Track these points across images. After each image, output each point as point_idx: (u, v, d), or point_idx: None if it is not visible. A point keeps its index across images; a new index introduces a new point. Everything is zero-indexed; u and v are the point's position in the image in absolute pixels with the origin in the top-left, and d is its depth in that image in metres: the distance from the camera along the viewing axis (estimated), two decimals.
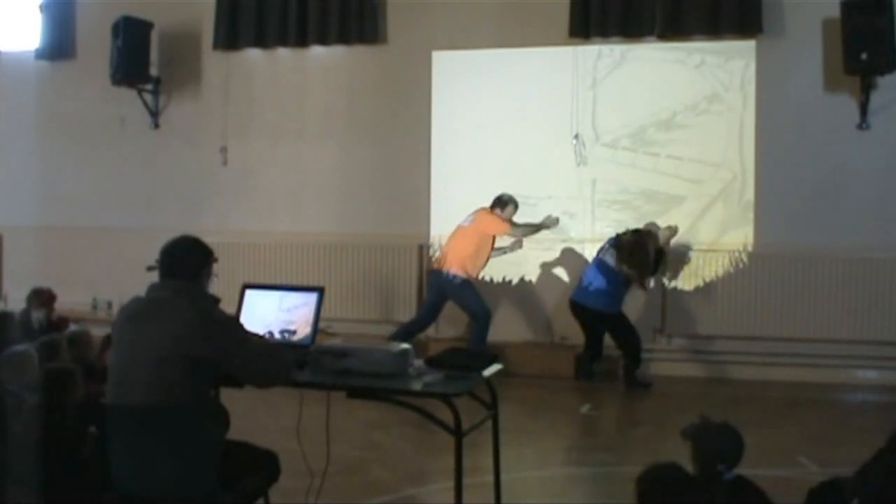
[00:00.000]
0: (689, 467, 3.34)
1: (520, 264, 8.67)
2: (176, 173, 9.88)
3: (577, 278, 8.22)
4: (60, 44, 10.20)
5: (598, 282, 7.88)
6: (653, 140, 8.55)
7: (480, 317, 8.05)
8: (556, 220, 8.19)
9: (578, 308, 8.00)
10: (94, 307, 9.64)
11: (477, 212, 8.17)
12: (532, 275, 8.80)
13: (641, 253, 7.81)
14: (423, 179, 9.08)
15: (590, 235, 8.59)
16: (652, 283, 8.07)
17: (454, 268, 8.05)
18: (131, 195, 10.00)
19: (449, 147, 9.02)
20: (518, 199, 8.33)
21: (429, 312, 8.34)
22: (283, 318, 4.01)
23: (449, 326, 8.86)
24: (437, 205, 9.05)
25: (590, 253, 8.52)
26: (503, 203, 8.15)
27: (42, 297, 7.04)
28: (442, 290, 8.15)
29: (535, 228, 8.20)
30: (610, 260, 7.86)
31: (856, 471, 3.57)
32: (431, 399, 3.57)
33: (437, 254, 8.73)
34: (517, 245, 8.28)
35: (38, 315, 6.90)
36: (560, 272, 8.73)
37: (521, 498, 4.91)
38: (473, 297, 8.09)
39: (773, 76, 8.27)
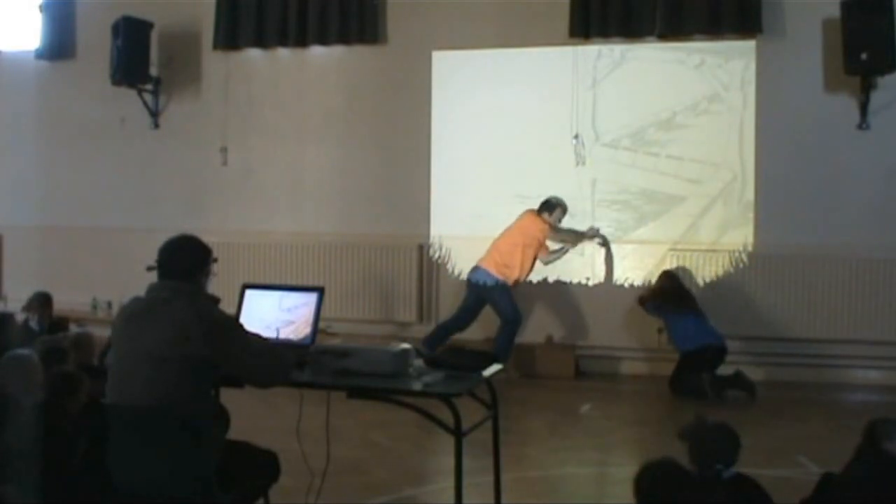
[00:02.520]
0: (688, 468, 3.35)
1: None
2: (176, 173, 9.87)
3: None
4: (60, 44, 10.20)
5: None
6: (653, 140, 8.55)
7: (510, 321, 7.96)
8: (598, 231, 8.25)
9: (722, 352, 7.72)
10: (94, 307, 9.64)
11: (524, 212, 8.12)
12: (532, 275, 8.76)
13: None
14: (423, 179, 9.08)
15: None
16: None
17: (490, 266, 7.98)
18: (131, 195, 10.00)
19: (449, 147, 9.01)
20: (518, 199, 8.32)
21: (465, 312, 8.16)
22: (283, 318, 4.01)
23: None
24: (437, 205, 9.05)
25: (590, 253, 8.52)
26: (551, 207, 8.05)
27: (39, 301, 7.03)
28: (477, 290, 8.10)
29: (578, 237, 8.22)
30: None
31: (842, 469, 3.60)
32: (431, 399, 3.57)
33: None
34: (555, 255, 8.23)
35: (35, 317, 6.90)
36: (560, 272, 8.70)
37: (521, 498, 4.91)
38: (506, 299, 7.99)
39: (773, 76, 8.27)
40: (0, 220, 10.23)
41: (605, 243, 8.37)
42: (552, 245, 8.21)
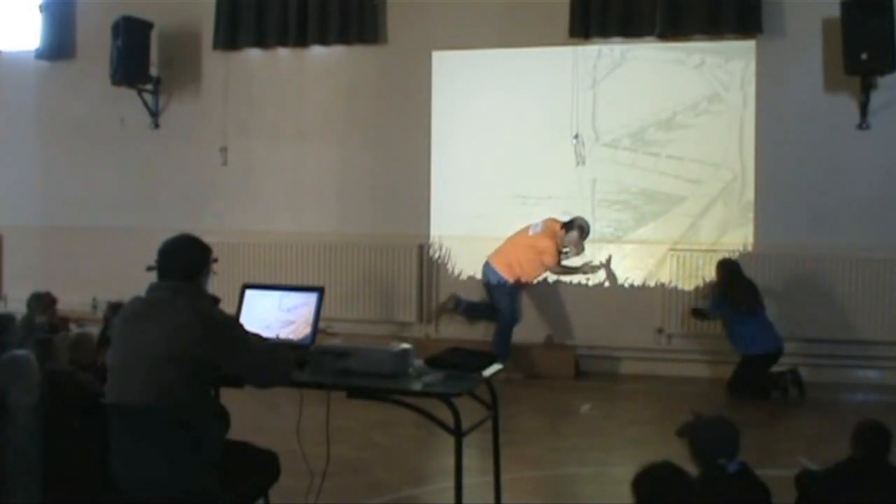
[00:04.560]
0: (690, 466, 3.35)
1: None
2: (176, 173, 9.87)
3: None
4: (60, 44, 10.20)
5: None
6: (653, 140, 8.55)
7: (505, 319, 8.08)
8: (595, 269, 8.30)
9: (779, 355, 7.58)
10: (94, 307, 9.62)
11: (547, 224, 8.18)
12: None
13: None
14: (423, 179, 9.08)
15: (590, 236, 8.56)
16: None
17: (497, 264, 8.12)
18: (131, 195, 9.99)
19: (449, 147, 9.01)
20: (518, 199, 8.29)
21: (496, 308, 8.28)
22: (283, 318, 4.01)
23: (449, 326, 8.87)
24: (437, 205, 9.05)
25: (590, 253, 8.52)
26: (569, 226, 8.13)
27: (44, 302, 7.03)
28: (486, 286, 8.22)
29: (573, 271, 8.30)
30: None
31: (832, 468, 3.63)
32: (431, 399, 3.57)
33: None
34: (566, 272, 8.28)
35: (41, 320, 6.89)
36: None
37: (521, 498, 4.92)
38: (507, 298, 8.10)
39: (773, 76, 8.26)
40: (0, 220, 10.22)
41: (605, 265, 8.39)
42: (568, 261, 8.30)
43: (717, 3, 8.20)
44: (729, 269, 7.78)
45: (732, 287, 7.66)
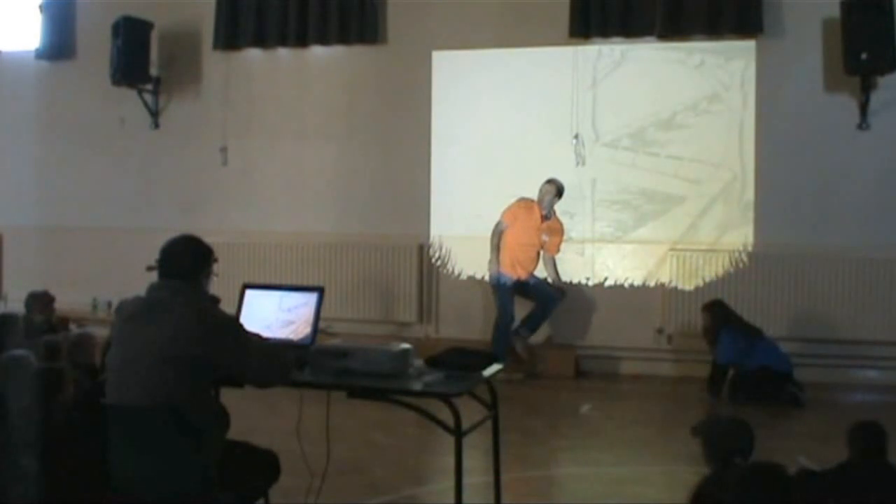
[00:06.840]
0: (700, 466, 3.34)
1: None
2: (176, 173, 9.87)
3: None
4: (60, 44, 10.20)
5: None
6: (653, 140, 8.55)
7: (499, 317, 8.08)
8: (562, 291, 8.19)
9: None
10: (94, 307, 9.64)
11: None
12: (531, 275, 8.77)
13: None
14: (423, 179, 9.08)
15: (590, 235, 8.59)
16: None
17: (505, 270, 8.12)
18: (131, 195, 10.00)
19: (449, 147, 9.02)
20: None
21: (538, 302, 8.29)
22: (283, 318, 4.01)
23: (449, 326, 8.87)
24: (437, 205, 9.05)
25: (590, 253, 8.53)
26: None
27: (41, 302, 7.02)
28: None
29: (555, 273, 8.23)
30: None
31: (831, 469, 3.63)
32: (431, 399, 3.57)
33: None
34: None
35: (39, 319, 6.89)
36: (560, 273, 8.67)
37: (521, 498, 4.92)
38: (498, 296, 8.11)
39: (773, 76, 8.27)
40: (0, 220, 10.23)
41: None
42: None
43: (717, 3, 8.20)
44: (719, 306, 7.66)
45: (730, 318, 7.58)
